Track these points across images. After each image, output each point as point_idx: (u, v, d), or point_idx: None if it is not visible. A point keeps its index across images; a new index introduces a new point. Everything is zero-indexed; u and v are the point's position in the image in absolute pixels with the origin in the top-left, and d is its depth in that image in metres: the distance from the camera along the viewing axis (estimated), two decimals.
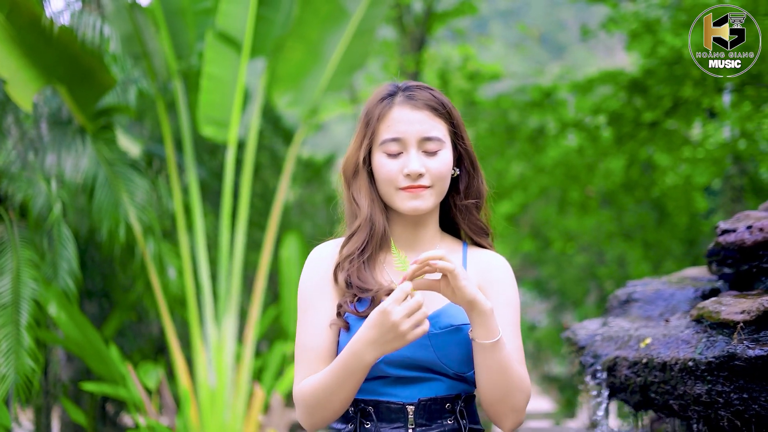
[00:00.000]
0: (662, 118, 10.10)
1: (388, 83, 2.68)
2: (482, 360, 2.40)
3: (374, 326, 2.30)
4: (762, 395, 2.83)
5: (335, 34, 7.74)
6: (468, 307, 2.37)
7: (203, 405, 7.38)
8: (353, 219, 2.63)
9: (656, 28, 9.28)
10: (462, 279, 2.33)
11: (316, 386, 2.44)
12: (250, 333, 7.62)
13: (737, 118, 10.90)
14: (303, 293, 2.62)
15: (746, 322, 2.90)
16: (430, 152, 2.54)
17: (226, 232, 7.48)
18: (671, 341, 3.21)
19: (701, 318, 3.16)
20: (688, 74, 9.34)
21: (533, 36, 20.89)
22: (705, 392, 2.99)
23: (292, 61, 7.76)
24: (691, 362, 3.02)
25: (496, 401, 2.45)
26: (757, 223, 3.42)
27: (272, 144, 8.68)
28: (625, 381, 3.40)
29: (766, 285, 3.41)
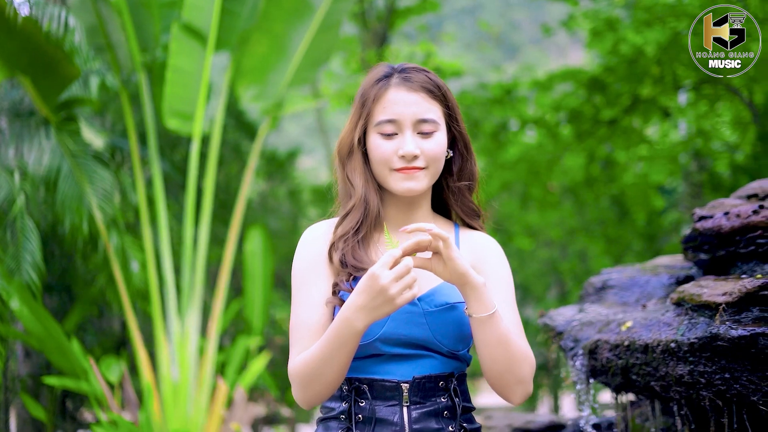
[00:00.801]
0: (621, 116, 10.23)
1: (383, 64, 2.70)
2: (481, 335, 2.42)
3: (363, 291, 2.30)
4: (743, 375, 2.89)
5: (300, 28, 7.73)
6: (460, 281, 2.39)
7: (166, 399, 7.34)
8: (347, 199, 2.64)
9: (618, 26, 9.38)
10: (454, 249, 2.36)
11: (308, 359, 2.44)
12: (213, 327, 7.59)
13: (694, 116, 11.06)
14: (297, 272, 2.62)
15: (728, 303, 2.95)
16: (425, 134, 2.56)
17: (189, 226, 7.45)
18: (652, 324, 3.26)
19: (682, 301, 3.21)
20: (648, 72, 9.47)
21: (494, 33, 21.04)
22: (687, 373, 3.04)
23: (256, 54, 7.75)
24: (674, 344, 3.07)
25: (499, 375, 2.46)
26: (734, 209, 3.48)
27: (235, 138, 8.65)
28: (606, 363, 3.44)
29: (742, 270, 3.48)
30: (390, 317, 2.48)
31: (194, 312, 7.47)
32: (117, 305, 7.70)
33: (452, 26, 36.77)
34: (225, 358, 8.05)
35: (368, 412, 2.51)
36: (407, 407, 2.50)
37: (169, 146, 8.56)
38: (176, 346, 7.40)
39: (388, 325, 2.49)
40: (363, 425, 2.52)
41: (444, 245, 2.34)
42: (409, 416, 2.50)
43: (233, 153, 8.60)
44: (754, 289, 2.91)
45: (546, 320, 4.05)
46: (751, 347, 2.81)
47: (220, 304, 7.59)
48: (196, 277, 7.48)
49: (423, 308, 2.51)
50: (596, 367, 3.52)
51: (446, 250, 2.35)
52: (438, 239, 2.35)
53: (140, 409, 7.04)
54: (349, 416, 2.54)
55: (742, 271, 3.48)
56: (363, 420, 2.52)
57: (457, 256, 2.36)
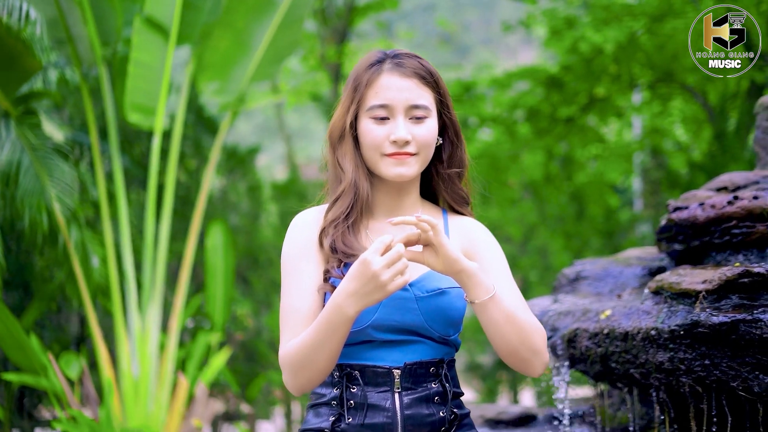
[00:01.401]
0: (578, 115, 10.34)
1: (375, 50, 2.71)
2: (488, 318, 2.44)
3: (355, 277, 2.31)
4: (723, 361, 2.95)
5: (263, 23, 7.72)
6: (454, 268, 2.40)
7: (126, 395, 7.29)
8: (337, 184, 2.65)
9: (577, 24, 9.47)
10: (443, 236, 2.38)
11: (300, 345, 2.45)
12: (174, 323, 7.55)
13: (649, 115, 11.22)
14: (287, 257, 2.63)
15: (708, 291, 3.01)
16: (417, 120, 2.58)
17: (150, 221, 7.40)
18: (632, 312, 3.31)
19: (660, 290, 3.27)
20: (606, 71, 9.59)
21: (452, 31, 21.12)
22: (667, 360, 3.09)
23: (218, 49, 7.72)
24: (654, 331, 3.12)
25: (514, 350, 2.48)
26: (709, 200, 3.54)
27: (195, 133, 8.62)
28: (585, 352, 3.49)
29: (716, 260, 3.55)
30: (381, 303, 2.50)
31: (155, 308, 7.43)
32: (77, 301, 7.62)
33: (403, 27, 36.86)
34: (185, 354, 8.01)
35: (360, 398, 2.53)
36: (399, 393, 2.53)
37: (128, 141, 8.49)
38: (137, 342, 7.35)
39: (380, 311, 2.51)
40: (354, 411, 2.53)
41: (434, 232, 2.36)
42: (400, 402, 2.52)
43: (193, 148, 8.56)
44: (734, 276, 2.97)
45: None
46: (731, 333, 2.87)
47: (181, 299, 7.55)
48: (157, 273, 7.44)
49: (414, 294, 2.53)
50: (575, 355, 3.56)
51: (436, 237, 2.38)
52: (426, 228, 2.37)
53: (100, 406, 6.98)
54: (340, 402, 2.55)
55: (716, 260, 3.55)
56: (354, 406, 2.53)
57: (447, 242, 2.38)
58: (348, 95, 2.63)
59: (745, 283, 2.96)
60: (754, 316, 2.82)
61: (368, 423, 2.51)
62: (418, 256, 2.42)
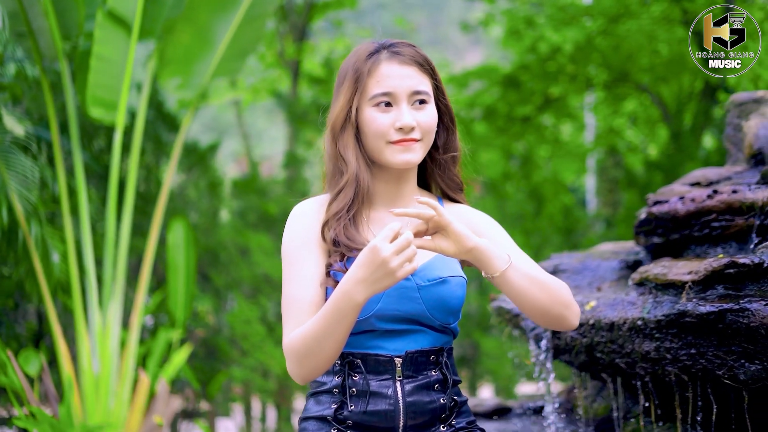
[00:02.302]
0: (534, 114, 10.45)
1: (368, 42, 2.74)
2: (513, 286, 2.49)
3: (364, 264, 2.33)
4: (709, 350, 3.01)
5: (225, 18, 7.69)
6: (466, 246, 2.45)
7: (87, 392, 7.22)
8: (339, 176, 2.67)
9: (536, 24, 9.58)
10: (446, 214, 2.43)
11: (306, 333, 2.46)
12: (135, 319, 7.50)
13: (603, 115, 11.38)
14: (288, 248, 2.64)
15: (694, 281, 3.08)
16: (419, 106, 2.62)
17: (112, 217, 7.34)
18: (616, 303, 3.37)
19: (645, 281, 3.34)
20: (563, 71, 9.71)
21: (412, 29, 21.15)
22: (653, 349, 3.16)
23: (181, 44, 7.67)
24: (640, 321, 3.18)
25: (547, 310, 2.52)
26: (689, 194, 3.62)
27: (155, 129, 8.56)
28: (570, 342, 3.54)
29: (695, 252, 3.62)
30: (385, 293, 2.53)
31: (116, 304, 7.37)
32: (36, 297, 7.54)
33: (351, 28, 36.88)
34: (146, 351, 7.96)
35: (362, 386, 2.56)
36: (400, 381, 2.56)
37: (87, 136, 8.42)
38: (97, 338, 7.28)
39: (383, 301, 2.54)
40: (357, 398, 2.56)
41: (438, 213, 2.40)
42: (402, 389, 2.56)
43: (153, 144, 8.50)
44: (720, 267, 3.04)
45: (500, 303, 4.14)
46: (718, 323, 2.94)
47: (142, 296, 7.50)
48: (118, 269, 7.38)
49: (416, 283, 2.57)
50: (560, 346, 3.62)
51: (441, 217, 2.41)
52: (428, 215, 2.41)
53: (60, 403, 6.91)
54: (342, 390, 2.58)
55: (695, 253, 3.62)
56: (357, 393, 2.56)
57: (453, 221, 2.43)
58: (350, 86, 2.65)
59: (730, 273, 3.03)
60: (740, 305, 2.89)
61: (371, 410, 2.55)
62: (429, 243, 2.45)
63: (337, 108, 2.66)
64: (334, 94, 2.73)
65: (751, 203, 3.50)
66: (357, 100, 2.63)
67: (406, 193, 2.73)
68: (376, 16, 36.63)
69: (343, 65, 2.73)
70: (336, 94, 2.72)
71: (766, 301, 2.84)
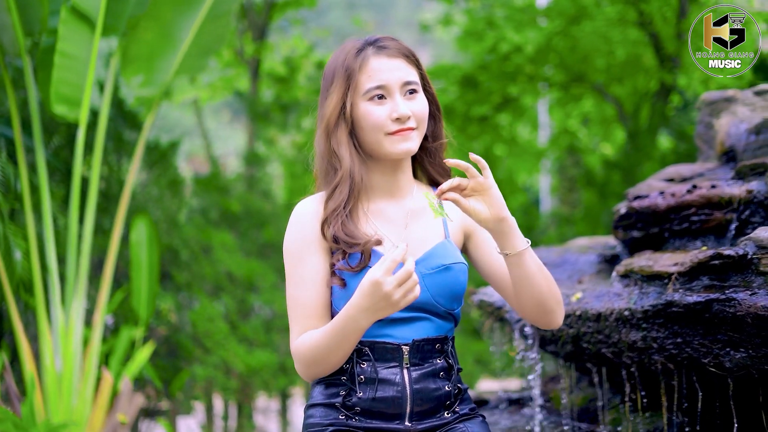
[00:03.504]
0: (491, 113, 10.56)
1: (351, 40, 2.81)
2: (523, 269, 2.58)
3: (367, 295, 2.41)
4: (695, 339, 3.11)
5: (189, 16, 7.67)
6: (500, 215, 2.57)
7: (50, 390, 7.18)
8: (333, 173, 2.72)
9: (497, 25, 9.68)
10: (491, 176, 2.51)
11: (313, 345, 2.55)
12: (98, 317, 7.47)
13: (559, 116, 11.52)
14: (291, 249, 2.70)
15: (680, 273, 3.17)
16: (411, 96, 2.70)
17: (74, 215, 7.30)
18: (602, 295, 3.47)
19: (630, 273, 3.43)
20: (522, 71, 9.83)
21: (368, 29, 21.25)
22: (640, 339, 3.25)
23: (144, 41, 7.65)
24: (627, 312, 3.27)
25: (543, 301, 2.64)
26: (669, 189, 3.73)
27: (116, 126, 8.51)
28: (556, 333, 3.63)
29: (675, 246, 3.73)
30: None
31: (78, 302, 7.33)
32: None
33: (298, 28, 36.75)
34: (109, 349, 7.92)
35: (370, 373, 2.62)
36: (407, 368, 2.63)
37: (48, 133, 8.34)
38: (60, 336, 7.24)
39: None
40: (365, 386, 2.62)
41: (485, 174, 2.48)
42: (409, 377, 2.63)
43: (114, 142, 8.46)
44: (705, 259, 3.13)
45: (481, 297, 4.22)
46: (705, 312, 3.03)
47: (105, 294, 7.46)
48: (81, 267, 7.34)
49: (421, 271, 2.64)
50: (546, 337, 3.70)
51: (486, 179, 2.54)
52: (474, 174, 2.48)
53: (23, 401, 6.86)
54: (350, 377, 2.64)
55: (674, 246, 3.73)
56: (365, 381, 2.62)
57: (494, 184, 2.55)
58: (341, 84, 2.70)
59: (715, 265, 3.12)
60: (727, 295, 2.98)
61: (379, 397, 2.61)
62: (464, 203, 2.52)
63: (330, 105, 2.72)
64: (323, 94, 2.79)
65: (729, 198, 3.63)
66: (350, 96, 2.69)
67: (403, 183, 2.80)
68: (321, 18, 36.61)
69: (329, 65, 2.79)
70: (325, 93, 2.77)
71: (752, 291, 2.94)
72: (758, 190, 3.61)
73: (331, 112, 2.72)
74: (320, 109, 2.79)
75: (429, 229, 2.78)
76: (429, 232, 2.77)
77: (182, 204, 8.64)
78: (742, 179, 3.78)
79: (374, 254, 2.63)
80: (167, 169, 8.60)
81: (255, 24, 10.32)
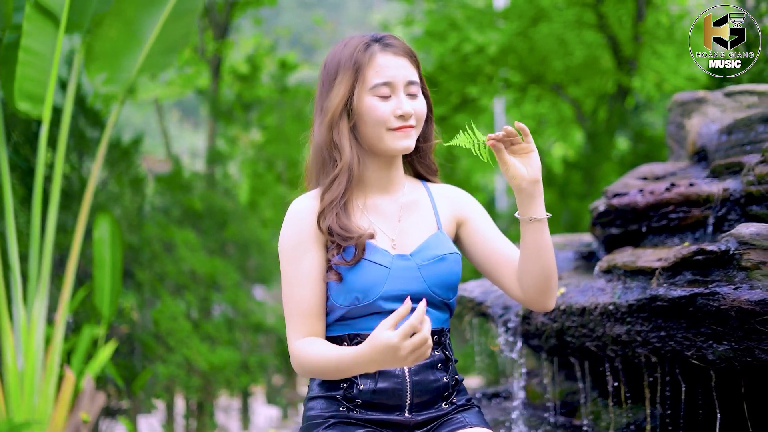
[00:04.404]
0: (450, 114, 10.63)
1: (356, 35, 2.85)
2: (539, 239, 2.67)
3: (379, 353, 2.43)
4: (678, 332, 3.19)
5: (154, 14, 7.65)
6: (536, 179, 2.63)
7: (11, 389, 7.12)
8: (332, 164, 2.76)
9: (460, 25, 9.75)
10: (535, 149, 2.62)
11: (313, 363, 2.62)
12: (60, 315, 7.42)
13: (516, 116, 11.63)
14: (287, 247, 2.73)
15: (664, 268, 3.25)
16: (413, 95, 2.75)
17: (37, 212, 7.25)
18: (586, 290, 3.54)
19: (613, 269, 3.51)
20: (482, 72, 9.92)
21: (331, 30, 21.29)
22: (624, 332, 3.32)
23: (109, 39, 7.61)
24: (612, 306, 3.35)
25: (547, 277, 2.71)
26: (648, 187, 3.81)
27: (78, 124, 8.46)
28: (540, 327, 3.70)
29: (653, 242, 3.82)
30: (389, 276, 2.66)
31: (41, 300, 7.28)
32: None
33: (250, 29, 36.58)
34: (71, 347, 7.87)
35: None
36: None
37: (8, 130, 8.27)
38: (22, 334, 7.18)
39: (388, 283, 2.66)
40: (366, 378, 2.67)
41: (527, 140, 2.60)
42: (409, 369, 2.68)
43: (76, 139, 8.40)
44: (689, 254, 3.21)
45: (461, 293, 4.27)
46: (689, 306, 3.11)
47: (67, 292, 7.42)
48: (43, 265, 7.29)
49: (416, 263, 2.70)
50: (530, 331, 3.77)
51: (529, 143, 2.61)
52: (516, 138, 2.59)
53: None
54: None
55: (652, 243, 3.82)
56: (365, 373, 2.66)
57: (535, 148, 2.64)
58: (349, 76, 2.73)
59: (698, 260, 3.21)
60: (711, 289, 3.07)
61: (380, 388, 2.66)
62: (510, 161, 2.57)
63: (338, 97, 2.74)
64: (325, 86, 2.81)
65: (707, 196, 3.73)
66: (357, 89, 2.73)
67: (395, 177, 2.86)
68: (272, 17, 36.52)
69: (331, 58, 2.82)
70: (328, 85, 2.80)
71: (735, 285, 3.03)
72: (734, 189, 3.71)
73: (338, 104, 2.75)
74: (323, 101, 2.81)
75: (422, 222, 2.83)
76: (422, 224, 2.83)
77: (144, 202, 8.60)
78: (718, 178, 3.88)
79: (368, 247, 2.68)
80: (129, 167, 8.56)
81: (216, 22, 10.30)
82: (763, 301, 2.91)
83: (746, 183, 3.62)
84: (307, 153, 2.92)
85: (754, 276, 3.04)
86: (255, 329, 9.05)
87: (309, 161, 2.88)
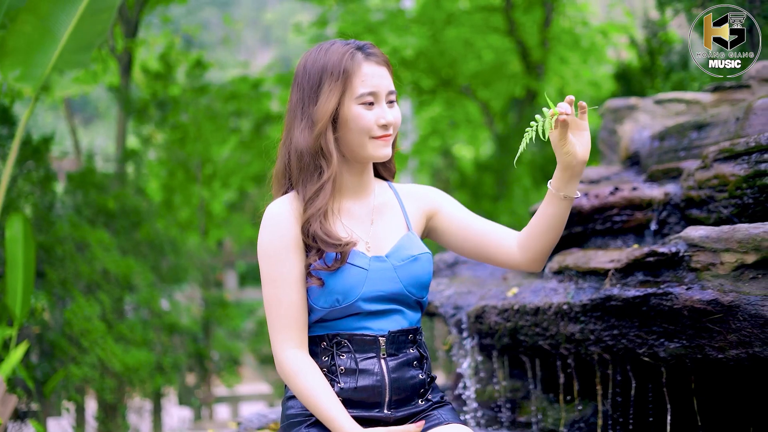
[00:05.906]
0: None
1: (338, 42, 2.88)
2: (561, 213, 2.81)
3: None
4: (631, 331, 3.33)
5: (69, 10, 7.53)
6: (585, 159, 2.72)
7: None
8: (317, 171, 2.79)
9: (379, 29, 9.82)
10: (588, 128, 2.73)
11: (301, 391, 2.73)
12: None
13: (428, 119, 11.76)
14: (268, 249, 2.77)
15: (616, 269, 3.38)
16: (391, 105, 2.82)
17: None
18: (538, 290, 3.65)
19: (564, 269, 3.62)
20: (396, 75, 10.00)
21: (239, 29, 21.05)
22: (578, 331, 3.44)
23: (23, 34, 7.46)
24: (566, 305, 3.46)
25: (552, 246, 2.88)
26: (593, 191, 3.95)
27: None
28: (493, 326, 3.79)
29: (596, 244, 3.96)
30: (367, 277, 2.73)
31: None
32: None
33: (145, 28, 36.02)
34: None
35: (350, 364, 2.74)
36: (384, 359, 2.76)
37: None
38: None
39: (366, 284, 2.73)
40: (346, 376, 2.73)
41: (583, 117, 2.71)
42: (387, 366, 2.75)
43: None
44: (641, 256, 3.35)
45: None
46: (642, 306, 3.25)
47: None
48: None
49: (392, 263, 2.77)
50: (482, 330, 3.86)
51: (583, 121, 2.71)
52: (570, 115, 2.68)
53: None
54: (330, 369, 2.74)
55: (596, 245, 3.96)
56: (345, 371, 2.73)
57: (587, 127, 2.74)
58: (338, 84, 2.76)
59: (650, 261, 3.35)
60: (664, 289, 3.21)
61: (361, 386, 2.72)
62: (569, 145, 2.68)
63: (329, 105, 2.76)
64: (308, 92, 2.82)
65: (649, 200, 3.89)
66: (346, 98, 2.77)
67: (367, 182, 2.93)
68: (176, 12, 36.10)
69: (313, 63, 2.83)
70: (311, 91, 2.81)
71: (687, 286, 3.17)
72: (674, 193, 3.88)
73: (329, 112, 2.77)
74: (305, 106, 2.81)
75: (392, 224, 2.90)
76: (393, 226, 2.90)
77: (55, 200, 8.45)
78: (657, 182, 4.04)
79: (351, 254, 2.75)
80: (39, 164, 8.39)
81: (126, 19, 10.16)
82: (715, 300, 3.05)
83: (686, 188, 3.78)
84: (275, 157, 2.94)
85: (703, 277, 3.19)
86: (169, 330, 8.97)
87: (280, 166, 2.89)
